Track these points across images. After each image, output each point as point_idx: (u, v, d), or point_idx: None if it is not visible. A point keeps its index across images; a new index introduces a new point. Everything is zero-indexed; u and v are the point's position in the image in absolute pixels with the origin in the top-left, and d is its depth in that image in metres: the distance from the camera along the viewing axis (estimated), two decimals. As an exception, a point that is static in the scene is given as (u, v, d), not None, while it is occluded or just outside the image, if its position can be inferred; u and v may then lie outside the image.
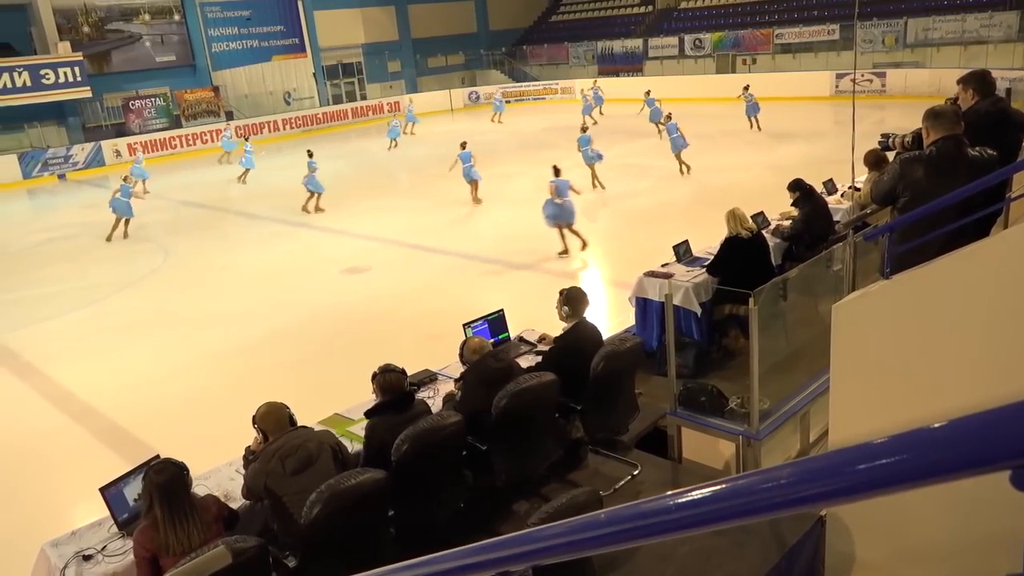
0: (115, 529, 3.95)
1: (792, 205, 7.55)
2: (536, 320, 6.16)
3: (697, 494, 1.02)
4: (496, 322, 5.74)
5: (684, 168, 16.00)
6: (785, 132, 20.14)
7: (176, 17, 30.75)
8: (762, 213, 7.68)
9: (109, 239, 14.80)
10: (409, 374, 4.62)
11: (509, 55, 38.78)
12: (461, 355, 4.73)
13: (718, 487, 1.01)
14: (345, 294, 10.70)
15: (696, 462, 5.05)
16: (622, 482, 4.61)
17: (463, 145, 15.17)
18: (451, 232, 13.26)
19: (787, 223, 7.57)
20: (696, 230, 8.09)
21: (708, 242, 7.53)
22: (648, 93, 22.60)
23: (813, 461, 0.95)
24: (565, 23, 39.63)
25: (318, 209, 15.85)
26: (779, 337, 5.73)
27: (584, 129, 15.52)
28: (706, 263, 6.80)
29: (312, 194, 15.92)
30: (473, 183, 15.05)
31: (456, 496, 4.23)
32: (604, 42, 35.21)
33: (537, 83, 35.51)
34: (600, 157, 14.95)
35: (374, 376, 4.25)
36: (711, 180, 15.32)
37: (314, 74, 34.06)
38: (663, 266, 7.03)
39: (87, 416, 7.60)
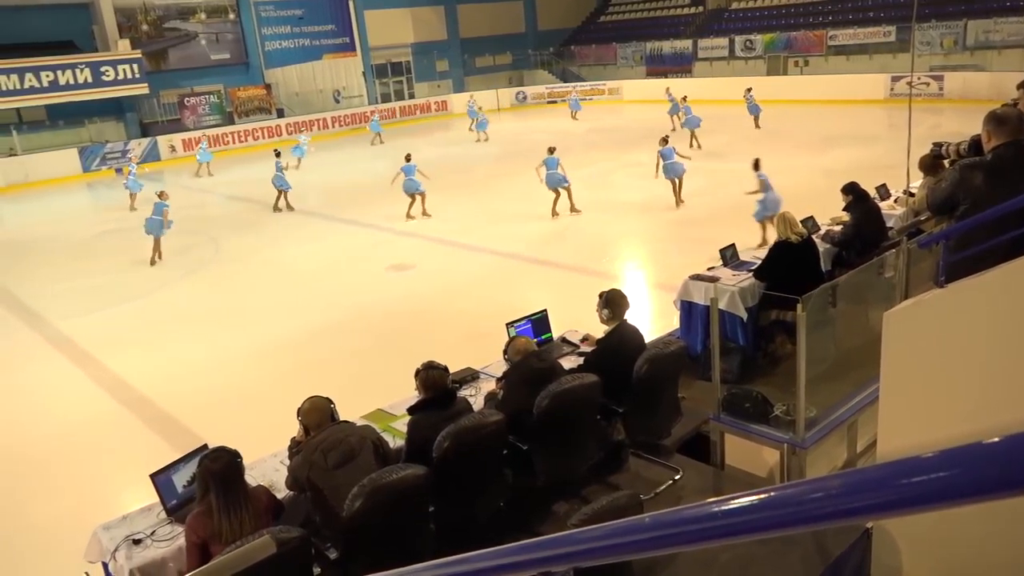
0: (164, 515, 4.06)
1: (844, 210, 7.40)
2: (579, 321, 6.14)
3: (742, 502, 1.01)
4: (539, 322, 5.75)
5: (695, 143, 16.45)
6: (837, 135, 19.76)
7: (231, 16, 31.39)
8: (812, 218, 7.54)
9: (152, 263, 13.23)
10: (451, 372, 4.65)
11: (557, 55, 38.74)
12: (505, 354, 4.75)
13: (764, 495, 1.00)
14: (390, 291, 10.81)
15: (739, 469, 4.99)
16: (663, 486, 4.58)
17: (551, 150, 14.12)
18: (496, 231, 13.29)
19: (838, 228, 7.43)
20: (743, 234, 8.00)
21: (754, 245, 7.44)
22: (685, 99, 22.15)
23: (861, 473, 0.94)
24: (614, 23, 39.44)
25: (288, 207, 16.52)
26: (827, 344, 5.62)
27: (665, 140, 14.30)
28: (753, 267, 6.71)
29: (280, 192, 16.52)
30: (558, 191, 13.87)
31: (496, 495, 4.24)
32: (653, 43, 34.94)
33: (584, 83, 35.40)
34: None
35: (417, 373, 4.29)
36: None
37: (363, 73, 34.46)
38: (709, 269, 6.95)
39: (138, 403, 7.81)
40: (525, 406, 4.20)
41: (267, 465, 4.46)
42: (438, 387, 4.23)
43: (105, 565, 3.95)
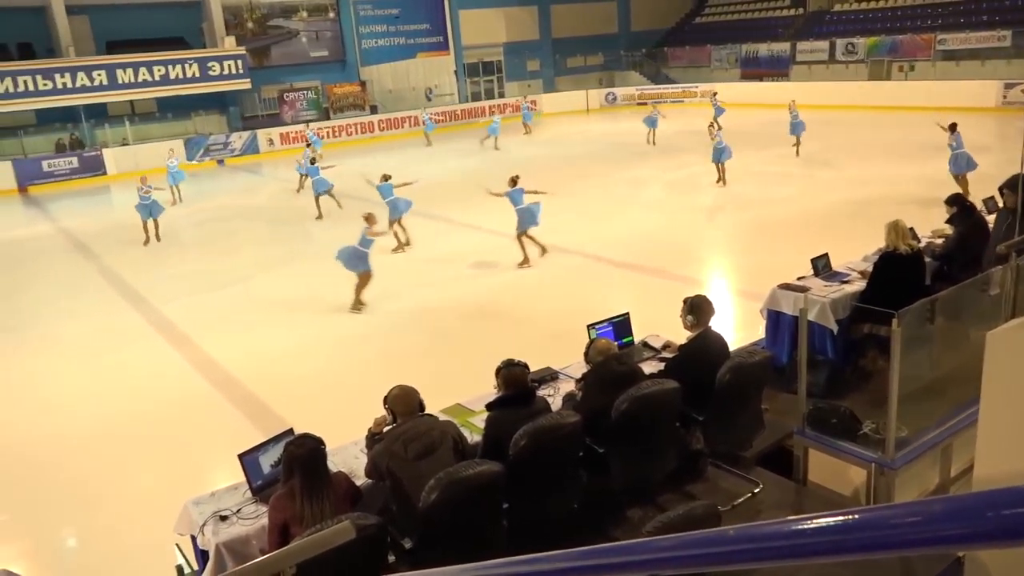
0: (249, 494, 4.21)
1: (947, 222, 7.05)
2: (662, 326, 6.06)
3: (830, 520, 0.98)
4: (621, 325, 5.70)
5: (797, 150, 16.35)
6: (942, 144, 18.84)
7: (331, 15, 32.33)
8: (912, 229, 7.22)
9: (146, 243, 14.89)
10: (531, 371, 4.66)
11: (649, 56, 38.28)
12: (587, 355, 4.72)
13: (853, 516, 0.97)
14: (472, 287, 10.92)
15: (822, 486, 4.83)
16: (741, 499, 4.48)
17: (514, 181, 12.18)
18: (581, 232, 13.24)
19: (940, 241, 7.08)
20: (836, 243, 7.72)
21: (849, 256, 7.17)
22: (793, 103, 21.59)
23: (959, 500, 0.90)
24: (709, 25, 38.71)
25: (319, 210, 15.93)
26: (923, 362, 5.38)
27: (716, 135, 14.98)
28: (847, 278, 6.48)
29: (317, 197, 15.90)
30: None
31: (570, 496, 4.23)
32: (749, 45, 34.11)
33: (676, 86, 34.88)
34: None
35: (498, 370, 4.32)
36: (855, 191, 14.56)
37: (455, 71, 34.92)
38: (799, 279, 6.75)
39: (229, 385, 8.14)
40: (603, 408, 4.17)
41: (348, 452, 4.57)
42: (518, 385, 4.25)
43: (193, 538, 4.13)
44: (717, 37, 36.43)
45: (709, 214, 14.03)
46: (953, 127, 13.25)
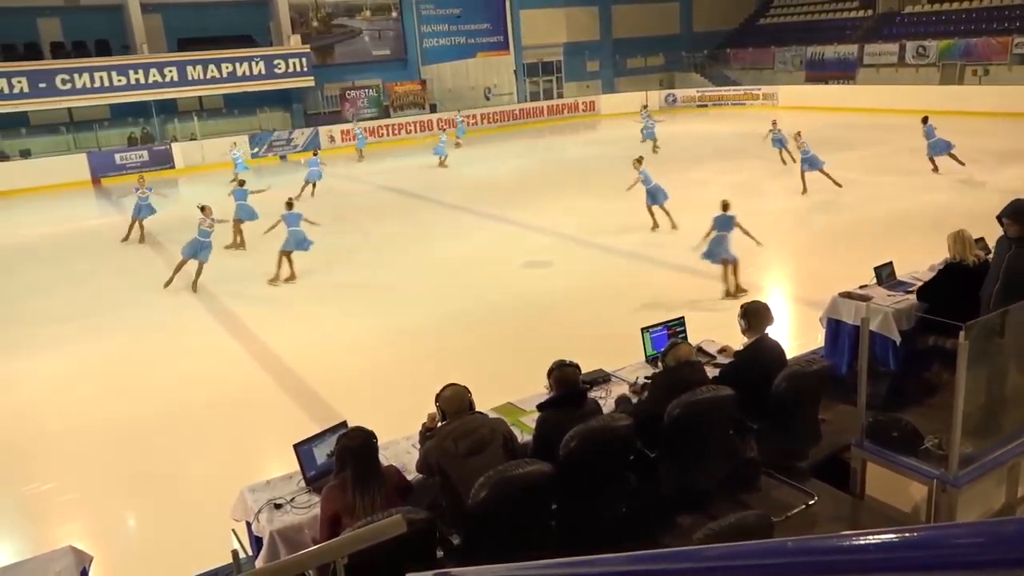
0: (303, 484, 4.30)
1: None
2: (718, 331, 5.98)
3: (892, 537, 0.96)
4: (676, 329, 5.64)
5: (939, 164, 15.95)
6: (1016, 152, 18.15)
7: (394, 14, 32.73)
8: (982, 239, 6.97)
9: (125, 239, 15.49)
10: (582, 372, 4.64)
11: (711, 58, 37.75)
12: (664, 357, 4.64)
13: (916, 533, 0.94)
14: (526, 287, 10.93)
15: (881, 501, 4.69)
16: (796, 510, 4.39)
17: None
18: (636, 234, 13.14)
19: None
20: (901, 251, 7.51)
21: (914, 266, 6.97)
22: (926, 120, 20.19)
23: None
24: (773, 26, 37.96)
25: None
26: (990, 377, 5.19)
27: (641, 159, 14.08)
28: (911, 288, 6.29)
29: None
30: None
31: (619, 499, 4.21)
32: (815, 47, 33.34)
33: (738, 88, 34.32)
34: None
35: (550, 371, 4.31)
36: (921, 198, 14.13)
37: (515, 71, 35.00)
38: (861, 287, 6.58)
39: (286, 377, 8.32)
40: (659, 413, 4.14)
41: (400, 447, 4.63)
42: (569, 386, 4.24)
43: (249, 524, 4.23)
44: (782, 38, 35.69)
45: (768, 219, 13.75)
46: (925, 119, 16.08)
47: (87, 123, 26.87)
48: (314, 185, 19.16)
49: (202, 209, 12.38)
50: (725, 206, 10.15)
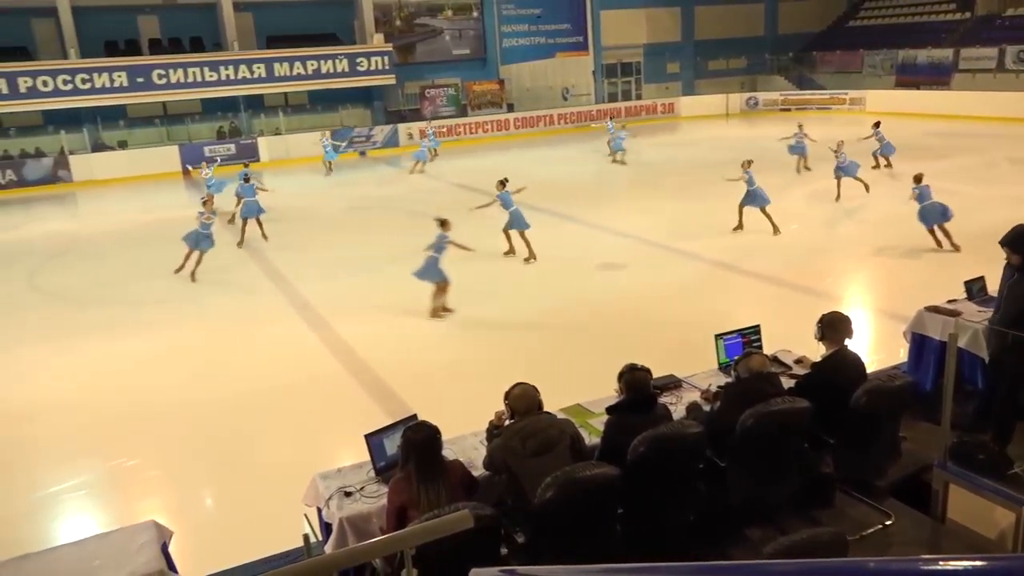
0: (372, 473, 4.39)
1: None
2: (794, 341, 5.83)
3: (978, 563, 0.92)
4: (751, 337, 5.53)
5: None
6: None
7: (475, 14, 33.03)
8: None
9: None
10: (653, 377, 4.59)
11: (796, 60, 36.76)
12: (736, 367, 4.56)
13: (1005, 562, 0.91)
14: (598, 289, 10.88)
15: (963, 526, 4.49)
16: (871, 529, 4.24)
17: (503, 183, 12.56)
18: (713, 239, 12.91)
19: None
20: (992, 266, 7.16)
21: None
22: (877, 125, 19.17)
23: None
24: (863, 28, 36.69)
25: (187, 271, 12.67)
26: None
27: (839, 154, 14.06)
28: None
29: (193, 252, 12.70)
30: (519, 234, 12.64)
31: (687, 507, 4.15)
32: (906, 51, 32.08)
33: (823, 92, 33.32)
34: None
35: (621, 375, 4.28)
36: (1017, 211, 13.43)
37: (593, 72, 34.84)
38: (949, 302, 6.31)
39: (359, 368, 8.49)
40: (732, 423, 4.06)
41: (467, 442, 4.68)
42: (640, 390, 4.20)
43: (319, 510, 4.35)
44: (872, 41, 34.47)
45: (853, 226, 13.35)
46: (877, 124, 17.41)
47: (180, 116, 28.06)
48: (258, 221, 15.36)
49: (203, 202, 13.08)
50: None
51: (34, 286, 12.92)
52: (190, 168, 23.39)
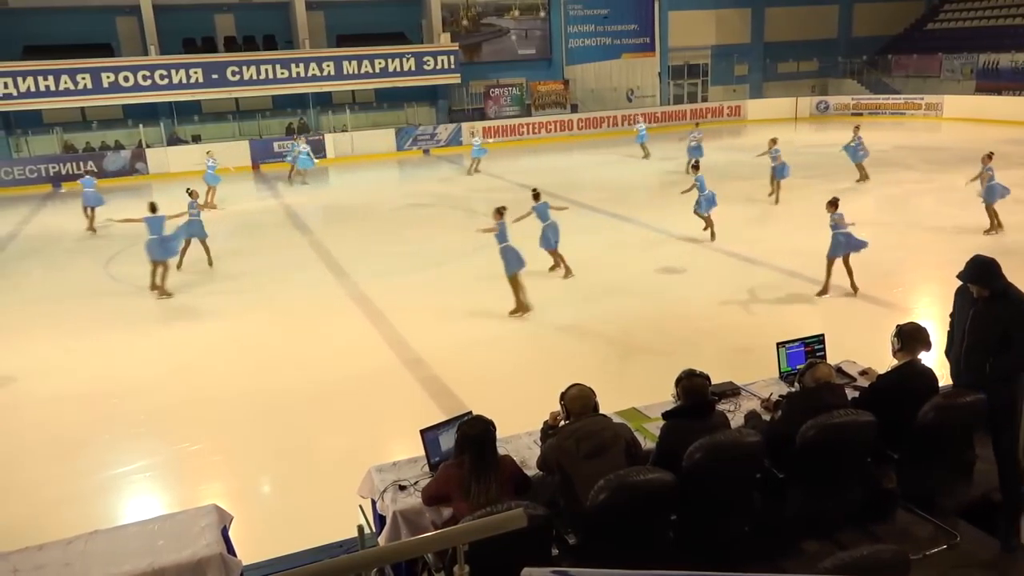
0: (427, 468, 4.43)
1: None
2: (860, 352, 5.68)
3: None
4: (814, 346, 5.40)
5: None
6: None
7: (541, 14, 33.06)
8: None
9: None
10: (711, 383, 4.52)
11: (870, 64, 35.70)
12: (801, 377, 4.46)
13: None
14: (658, 292, 10.77)
15: (1034, 550, 4.31)
16: (935, 549, 4.09)
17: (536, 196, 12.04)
18: (778, 245, 12.66)
19: None
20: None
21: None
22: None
23: None
24: (942, 31, 35.40)
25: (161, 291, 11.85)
26: None
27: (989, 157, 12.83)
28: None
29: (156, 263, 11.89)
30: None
31: (742, 517, 4.07)
32: (988, 55, 30.82)
33: (898, 96, 32.29)
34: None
35: (679, 380, 4.22)
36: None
37: (659, 73, 34.48)
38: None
39: (416, 364, 8.59)
40: (789, 433, 3.97)
41: (521, 442, 4.69)
42: (698, 396, 4.14)
43: (374, 502, 4.41)
44: (951, 45, 33.24)
45: (926, 236, 12.90)
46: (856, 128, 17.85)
47: (251, 112, 28.85)
48: (92, 210, 17.23)
49: (189, 193, 13.39)
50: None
51: (110, 274, 13.44)
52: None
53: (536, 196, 11.75)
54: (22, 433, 7.45)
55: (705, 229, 13.36)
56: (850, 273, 10.08)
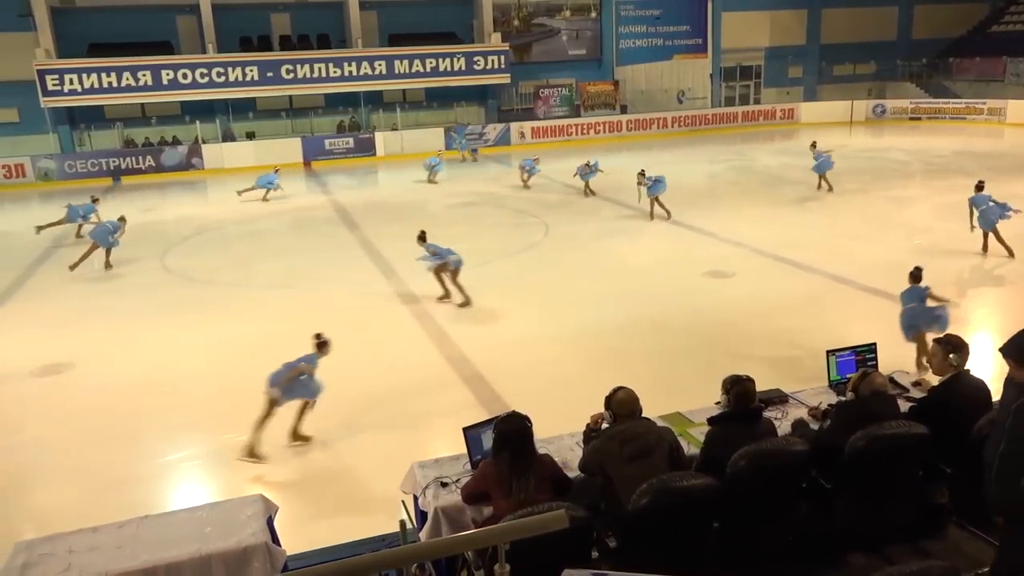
0: (469, 467, 4.46)
1: None
2: (912, 363, 5.54)
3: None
4: (865, 356, 5.28)
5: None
6: None
7: (592, 14, 32.94)
8: None
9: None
10: (758, 390, 4.46)
11: (930, 67, 34.73)
12: (855, 389, 4.38)
13: None
14: (705, 296, 10.64)
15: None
16: (988, 567, 3.97)
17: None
18: (829, 250, 12.40)
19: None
20: None
21: None
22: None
23: None
24: (1007, 34, 34.27)
25: (107, 265, 13.44)
26: None
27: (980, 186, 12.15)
28: None
29: (95, 247, 13.24)
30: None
31: (786, 527, 4.01)
32: (1057, 58, 29.76)
33: (959, 101, 31.36)
34: None
35: (726, 385, 4.17)
36: None
37: (711, 75, 34.06)
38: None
39: (461, 363, 8.63)
40: (838, 443, 3.90)
41: (563, 443, 4.69)
42: (746, 402, 4.09)
43: (416, 498, 4.45)
44: (1016, 48, 32.14)
45: (984, 245, 12.51)
46: (814, 144, 17.64)
47: (304, 110, 29.32)
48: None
49: (94, 200, 15.34)
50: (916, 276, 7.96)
51: (165, 266, 13.80)
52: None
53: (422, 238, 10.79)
54: (78, 418, 7.69)
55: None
56: None
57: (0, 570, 3.72)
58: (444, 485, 4.32)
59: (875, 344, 5.37)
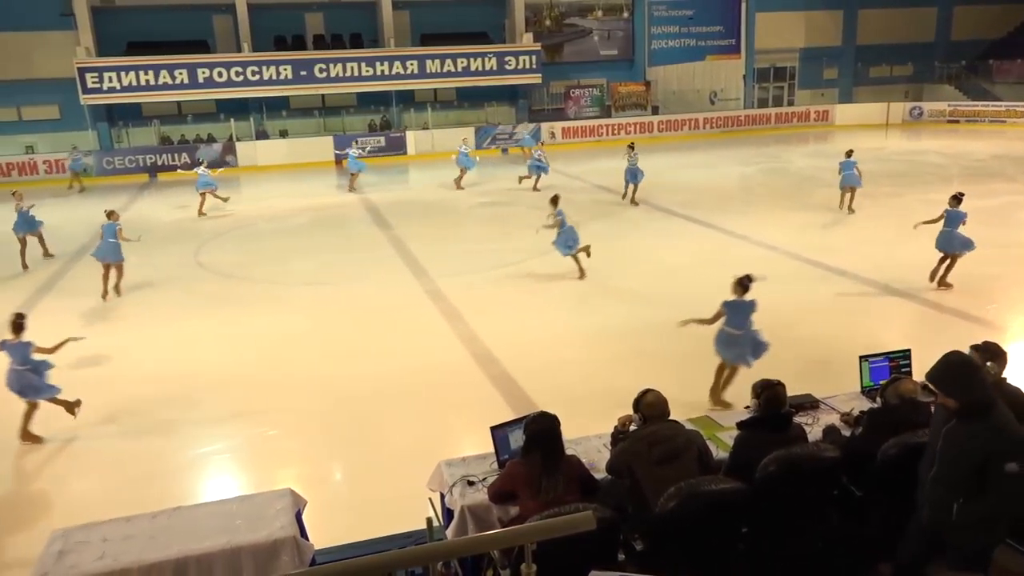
0: (495, 466, 4.47)
1: None
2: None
3: None
4: (899, 362, 5.20)
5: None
6: None
7: (624, 15, 32.80)
8: None
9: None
10: (788, 395, 4.41)
11: (969, 69, 34.06)
12: (883, 391, 4.32)
13: None
14: (734, 299, 10.53)
15: None
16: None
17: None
18: (863, 255, 12.22)
19: None
20: None
21: None
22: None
23: None
24: (1051, 35, 33.53)
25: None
26: None
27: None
28: None
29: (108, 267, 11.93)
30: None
31: (816, 535, 3.96)
32: (1102, 60, 29.04)
33: (999, 103, 30.74)
34: None
35: (756, 389, 4.14)
36: None
37: (744, 76, 33.75)
38: None
39: (488, 361, 8.64)
40: (870, 450, 3.84)
41: (591, 444, 4.67)
42: (776, 407, 4.05)
43: (442, 496, 4.47)
44: (1060, 50, 31.47)
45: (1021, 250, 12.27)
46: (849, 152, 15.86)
47: (336, 109, 29.59)
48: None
49: (14, 195, 14.26)
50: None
51: (199, 262, 14.00)
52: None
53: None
54: (115, 408, 7.83)
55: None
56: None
57: (37, 557, 3.81)
58: (471, 484, 4.33)
59: (909, 351, 5.28)
